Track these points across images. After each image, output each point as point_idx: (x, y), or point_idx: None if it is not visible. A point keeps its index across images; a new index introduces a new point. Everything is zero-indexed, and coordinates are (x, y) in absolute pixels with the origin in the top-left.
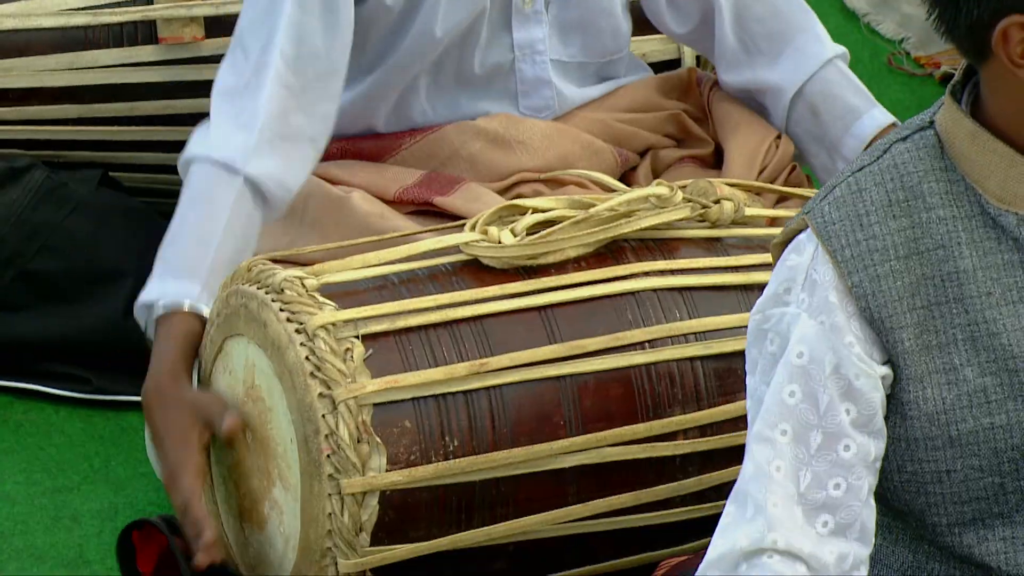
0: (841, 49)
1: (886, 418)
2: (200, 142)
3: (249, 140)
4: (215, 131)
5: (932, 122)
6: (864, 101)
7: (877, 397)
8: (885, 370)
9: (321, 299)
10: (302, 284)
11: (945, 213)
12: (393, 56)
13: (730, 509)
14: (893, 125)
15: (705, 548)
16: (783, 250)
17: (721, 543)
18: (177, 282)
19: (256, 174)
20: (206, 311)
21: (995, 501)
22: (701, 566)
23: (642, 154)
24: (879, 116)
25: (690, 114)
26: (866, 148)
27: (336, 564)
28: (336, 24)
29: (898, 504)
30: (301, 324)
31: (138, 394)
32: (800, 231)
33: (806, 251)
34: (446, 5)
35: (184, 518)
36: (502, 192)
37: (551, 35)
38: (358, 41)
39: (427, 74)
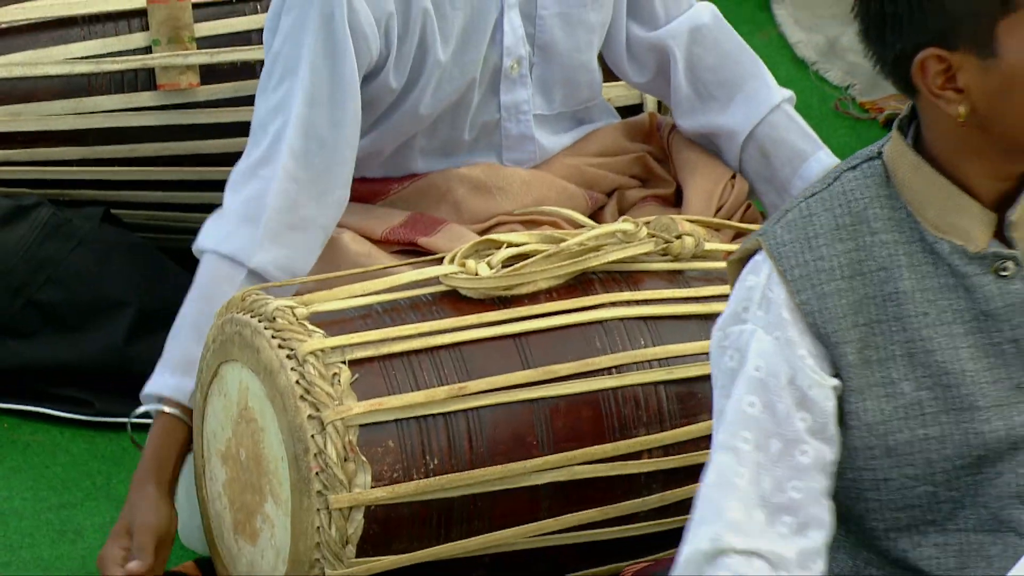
0: (788, 93)
1: None
2: (210, 233)
3: (256, 233)
4: (224, 223)
5: (880, 153)
6: (811, 144)
7: (830, 406)
8: (835, 381)
9: (310, 327)
10: (293, 313)
11: (888, 238)
12: (389, 124)
13: (695, 514)
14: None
15: (666, 559)
16: (739, 268)
17: (687, 547)
18: (175, 378)
19: (261, 266)
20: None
21: (928, 509)
22: (672, 570)
23: (609, 194)
24: (825, 159)
25: (653, 156)
26: None
27: (324, 574)
28: (343, 118)
29: (839, 509)
30: (292, 350)
31: (136, 418)
32: (755, 251)
33: (762, 271)
34: (441, 82)
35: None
36: (482, 233)
37: (534, 94)
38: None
39: (421, 135)
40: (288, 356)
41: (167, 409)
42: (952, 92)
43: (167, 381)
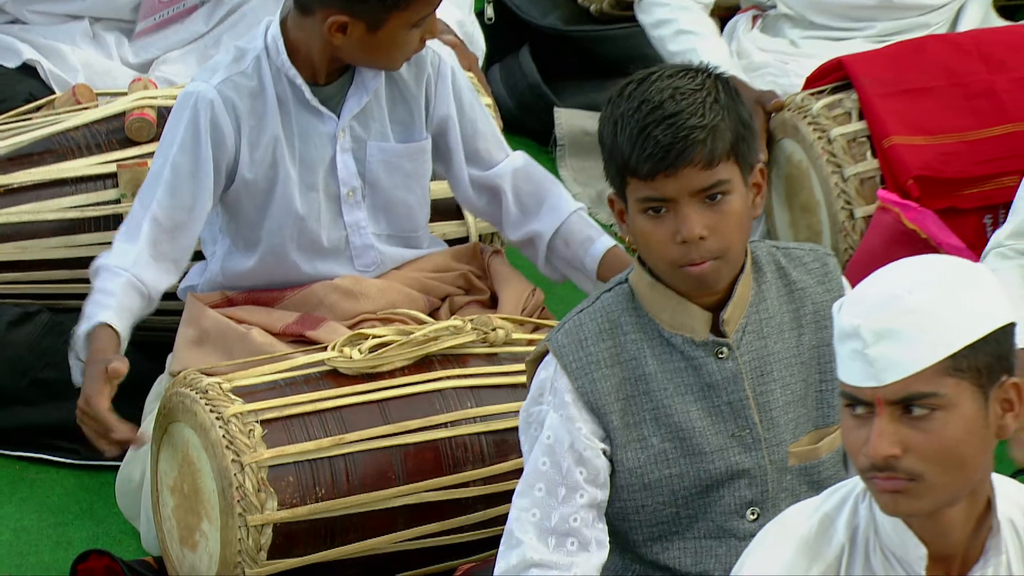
0: (581, 204)
1: None
2: (103, 255)
3: (132, 254)
4: (116, 245)
5: (627, 279)
6: (597, 233)
7: (600, 463)
8: (604, 445)
9: (232, 396)
10: (219, 387)
11: (636, 336)
12: (266, 231)
13: (503, 542)
14: (616, 246)
15: (488, 558)
16: (535, 365)
17: (501, 564)
18: (94, 317)
19: (136, 275)
20: (118, 326)
21: (673, 524)
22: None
23: (442, 299)
24: (607, 241)
25: (473, 273)
26: (598, 267)
27: (244, 572)
28: (199, 190)
29: (611, 527)
30: (219, 413)
31: (110, 460)
32: (545, 353)
33: (550, 367)
34: (295, 190)
35: (86, 416)
36: (351, 327)
37: (368, 216)
38: (237, 214)
39: (295, 251)
40: (217, 418)
41: (101, 320)
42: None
43: (90, 320)
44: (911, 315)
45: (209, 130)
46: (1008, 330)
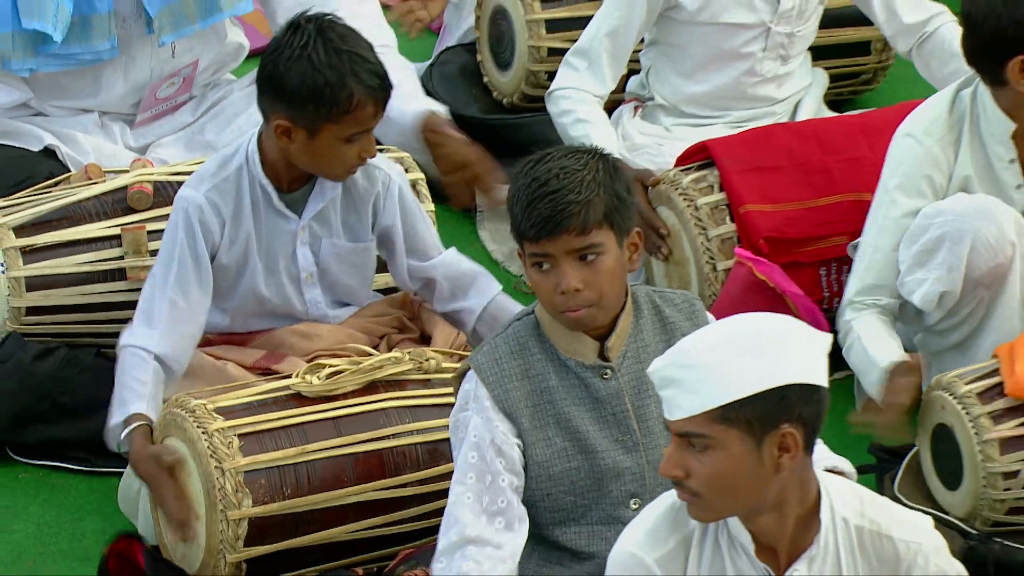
0: (500, 287)
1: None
2: (128, 336)
3: (155, 334)
4: (137, 329)
5: (534, 311)
6: (512, 305)
7: (515, 454)
8: (518, 441)
9: (215, 415)
10: (204, 408)
11: (540, 357)
12: (233, 304)
13: (444, 522)
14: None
15: (422, 545)
16: (459, 381)
17: (442, 541)
18: (129, 405)
19: (160, 354)
20: (152, 415)
21: (571, 511)
22: (434, 557)
23: (381, 338)
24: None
25: (406, 316)
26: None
27: (225, 557)
28: (201, 277)
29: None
30: (205, 428)
31: (116, 467)
32: (468, 369)
33: (472, 380)
34: (262, 276)
35: (172, 514)
36: (308, 361)
37: (322, 293)
38: (216, 286)
39: (258, 318)
40: (203, 432)
41: (137, 422)
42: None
43: (126, 410)
44: (690, 370)
45: (200, 229)
46: (793, 388)
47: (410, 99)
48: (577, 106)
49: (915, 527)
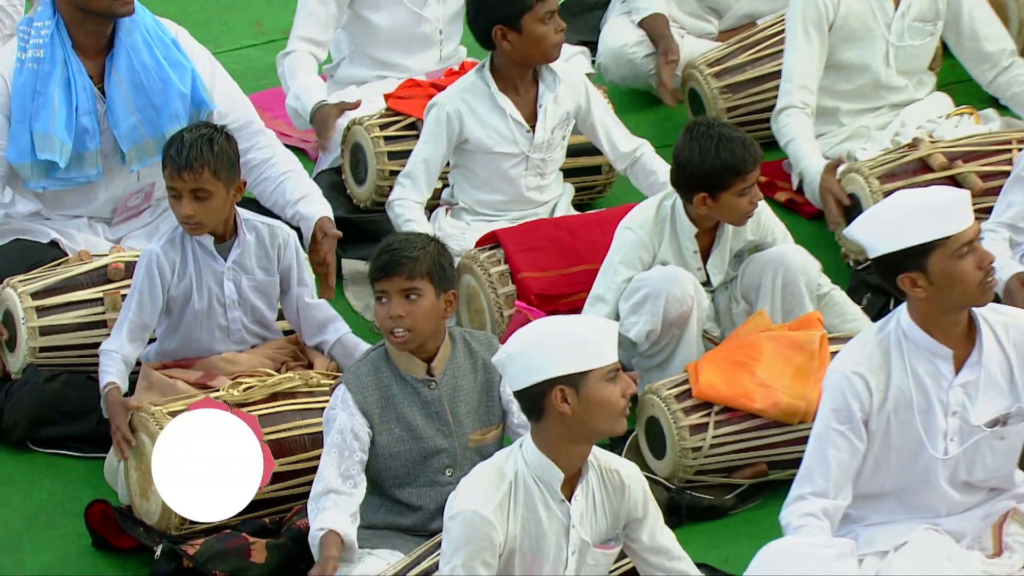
0: (348, 328)
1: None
2: (105, 344)
3: (122, 341)
4: (112, 337)
5: (383, 345)
6: (356, 340)
7: (366, 439)
8: (369, 430)
9: (168, 416)
10: (161, 411)
11: (388, 374)
12: (181, 327)
13: (315, 481)
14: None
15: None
16: (333, 391)
17: (313, 491)
18: (108, 377)
19: (123, 353)
20: (120, 383)
21: (405, 478)
22: (308, 500)
23: (281, 363)
24: (362, 344)
25: (299, 350)
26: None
27: (174, 513)
28: (154, 304)
29: (371, 478)
30: (161, 425)
31: (102, 453)
32: (339, 383)
33: (341, 389)
34: (201, 308)
35: (119, 431)
36: (232, 379)
37: (241, 315)
38: (169, 310)
39: (197, 337)
40: (159, 427)
41: (109, 387)
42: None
43: (106, 380)
44: (510, 356)
45: (157, 272)
46: (545, 384)
47: (312, 204)
48: (406, 210)
49: (632, 467)
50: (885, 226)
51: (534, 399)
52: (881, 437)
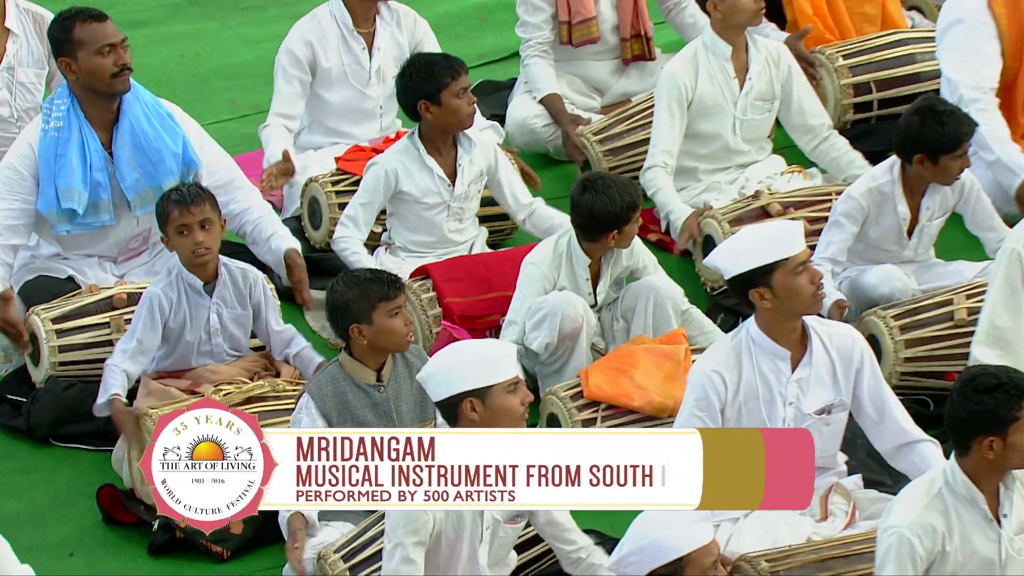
0: (308, 344)
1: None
2: (109, 360)
3: (124, 359)
4: (115, 355)
5: (339, 359)
6: (312, 353)
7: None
8: (327, 429)
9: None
10: (158, 412)
11: (344, 383)
12: (176, 351)
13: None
14: (321, 364)
15: None
16: (299, 398)
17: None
18: (110, 390)
19: (126, 369)
20: (121, 394)
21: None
22: None
23: (255, 373)
24: (318, 357)
25: (269, 362)
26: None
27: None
28: (153, 333)
29: None
30: (154, 420)
31: (110, 447)
32: (303, 392)
33: (305, 396)
34: (187, 335)
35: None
36: (214, 386)
37: (222, 342)
38: (166, 337)
39: (188, 358)
40: (151, 420)
41: (113, 397)
42: None
43: (108, 393)
44: (431, 376)
45: (158, 310)
46: (457, 396)
47: (284, 239)
48: (351, 244)
49: None
50: (738, 252)
51: (450, 408)
52: (733, 423)
